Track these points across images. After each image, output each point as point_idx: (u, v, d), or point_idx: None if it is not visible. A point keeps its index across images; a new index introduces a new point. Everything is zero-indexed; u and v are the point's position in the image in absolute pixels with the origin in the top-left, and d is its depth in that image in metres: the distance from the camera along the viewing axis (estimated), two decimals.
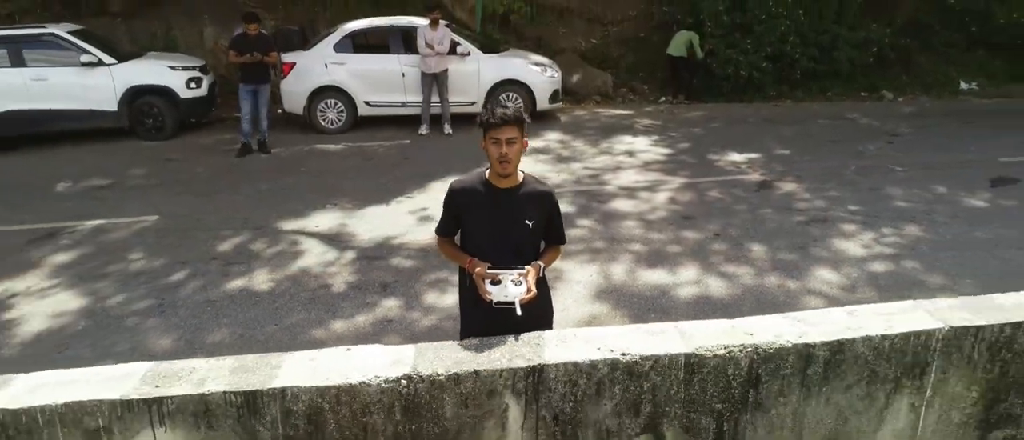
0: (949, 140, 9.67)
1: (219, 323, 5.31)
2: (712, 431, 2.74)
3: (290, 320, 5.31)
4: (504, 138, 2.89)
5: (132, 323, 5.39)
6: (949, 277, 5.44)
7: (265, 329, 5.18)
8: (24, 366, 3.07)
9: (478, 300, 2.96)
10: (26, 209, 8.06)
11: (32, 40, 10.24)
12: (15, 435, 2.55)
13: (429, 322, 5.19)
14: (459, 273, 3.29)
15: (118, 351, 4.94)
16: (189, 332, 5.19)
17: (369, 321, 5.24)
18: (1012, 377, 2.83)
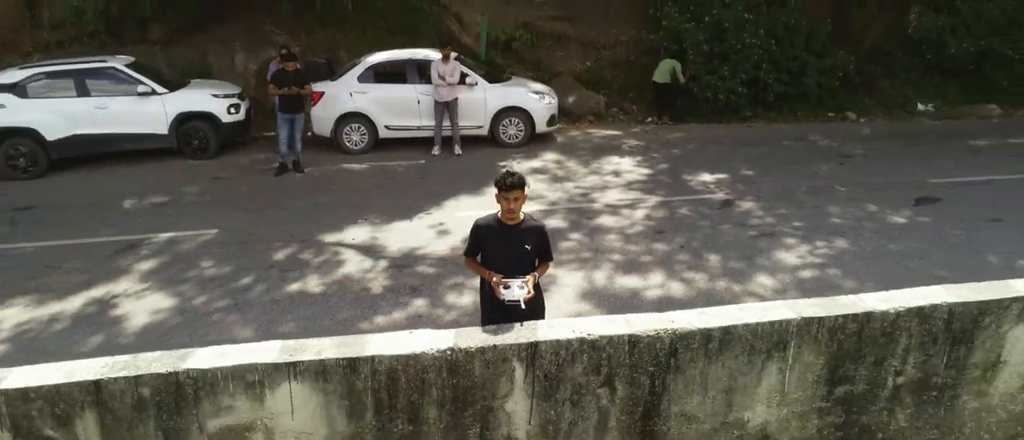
0: (892, 162, 11.12)
1: (285, 318, 6.76)
2: (647, 386, 4.20)
3: (341, 316, 6.76)
4: (512, 197, 4.34)
5: (216, 318, 6.84)
6: (859, 282, 6.88)
7: (322, 323, 6.63)
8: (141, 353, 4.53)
9: (494, 299, 4.43)
10: (104, 223, 9.51)
11: (95, 72, 11.70)
12: (202, 386, 4.00)
13: (451, 317, 6.64)
14: (480, 281, 4.76)
15: (211, 340, 6.38)
16: (263, 325, 6.64)
17: (403, 316, 6.69)
18: (846, 351, 4.28)
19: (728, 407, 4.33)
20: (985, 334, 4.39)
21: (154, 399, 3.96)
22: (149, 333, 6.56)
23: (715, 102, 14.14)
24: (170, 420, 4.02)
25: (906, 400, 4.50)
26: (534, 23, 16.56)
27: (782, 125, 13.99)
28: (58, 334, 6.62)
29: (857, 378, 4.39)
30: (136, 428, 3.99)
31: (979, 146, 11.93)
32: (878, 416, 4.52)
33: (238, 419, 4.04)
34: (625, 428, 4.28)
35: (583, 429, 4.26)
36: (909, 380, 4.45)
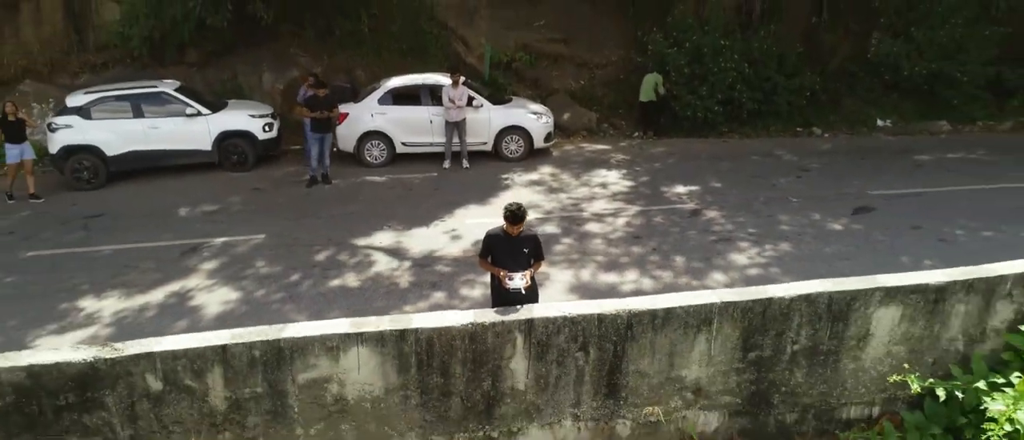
0: (842, 175, 12.76)
1: (332, 308, 8.39)
2: (611, 350, 5.85)
3: (377, 305, 8.40)
4: (515, 224, 6.01)
5: (275, 308, 8.49)
6: (794, 278, 8.51)
7: (363, 312, 8.27)
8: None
9: (501, 288, 6.10)
10: (165, 228, 11.17)
11: (148, 96, 13.36)
12: (296, 349, 5.65)
13: (465, 306, 8.28)
14: (490, 276, 6.42)
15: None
16: (314, 313, 8.28)
17: (427, 305, 8.34)
18: (755, 326, 5.94)
19: (670, 366, 6.00)
20: (857, 314, 6.05)
21: (262, 358, 5.62)
22: (223, 320, 8.20)
23: (694, 119, 15.79)
24: (272, 374, 5.68)
25: (801, 362, 6.16)
26: (533, 45, 18.19)
27: (754, 140, 15.62)
28: (150, 320, 8.26)
29: (764, 346, 6.05)
30: (249, 379, 5.66)
31: (921, 161, 13.59)
32: (781, 374, 6.18)
33: (320, 373, 5.71)
34: (596, 381, 5.95)
35: (565, 382, 5.93)
36: (803, 347, 6.11)
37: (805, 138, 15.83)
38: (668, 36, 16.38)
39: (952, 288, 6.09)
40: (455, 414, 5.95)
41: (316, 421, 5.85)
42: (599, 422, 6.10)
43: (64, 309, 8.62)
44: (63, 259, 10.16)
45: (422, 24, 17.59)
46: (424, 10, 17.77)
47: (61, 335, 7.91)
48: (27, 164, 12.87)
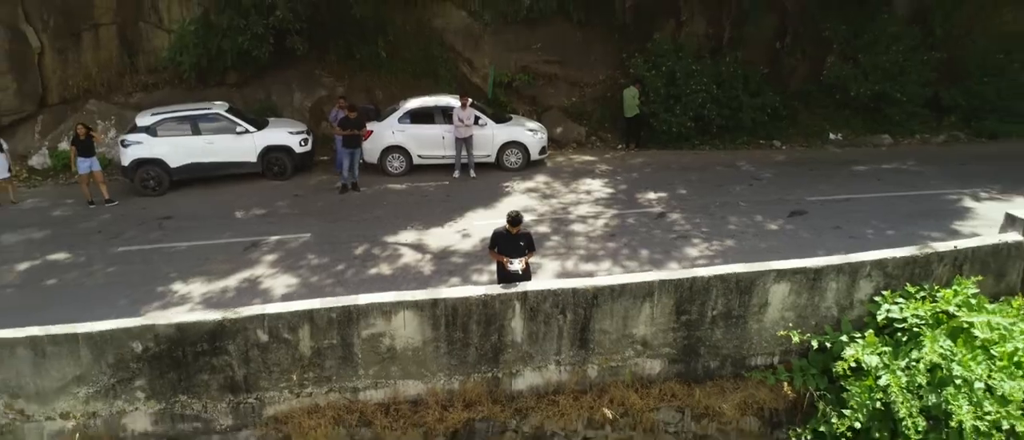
0: (788, 183, 15.11)
1: (373, 291, 10.77)
2: (582, 314, 8.27)
3: (408, 288, 10.79)
4: (514, 226, 8.46)
5: (327, 291, 10.85)
6: None
7: None
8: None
9: (504, 271, 8.55)
10: (227, 228, 13.55)
11: (204, 117, 15.75)
12: (361, 313, 8.07)
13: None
14: (497, 264, 8.87)
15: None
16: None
17: (448, 287, 10.74)
18: (684, 297, 8.35)
19: (624, 326, 8.42)
20: (758, 289, 8.47)
21: (338, 319, 8.04)
22: (288, 299, 10.60)
23: (670, 133, 18.15)
24: (344, 330, 8.11)
25: (719, 324, 8.58)
26: (531, 66, 20.54)
27: (721, 152, 18.00)
28: (231, 300, 10.64)
29: (692, 312, 8.48)
30: (327, 334, 8.09)
31: (858, 171, 15.99)
32: (705, 332, 8.60)
33: (377, 330, 8.14)
34: (572, 336, 8.37)
35: (550, 337, 8.35)
36: (719, 313, 8.53)
37: (766, 150, 18.21)
38: (648, 60, 18.76)
39: (827, 270, 8.53)
40: (471, 359, 8.39)
41: (373, 364, 8.29)
42: (574, 366, 8.54)
43: (161, 291, 11.02)
44: (149, 253, 12.57)
45: (433, 48, 19.96)
46: (434, 36, 20.14)
47: (165, 311, 10.31)
48: (97, 175, 15.28)
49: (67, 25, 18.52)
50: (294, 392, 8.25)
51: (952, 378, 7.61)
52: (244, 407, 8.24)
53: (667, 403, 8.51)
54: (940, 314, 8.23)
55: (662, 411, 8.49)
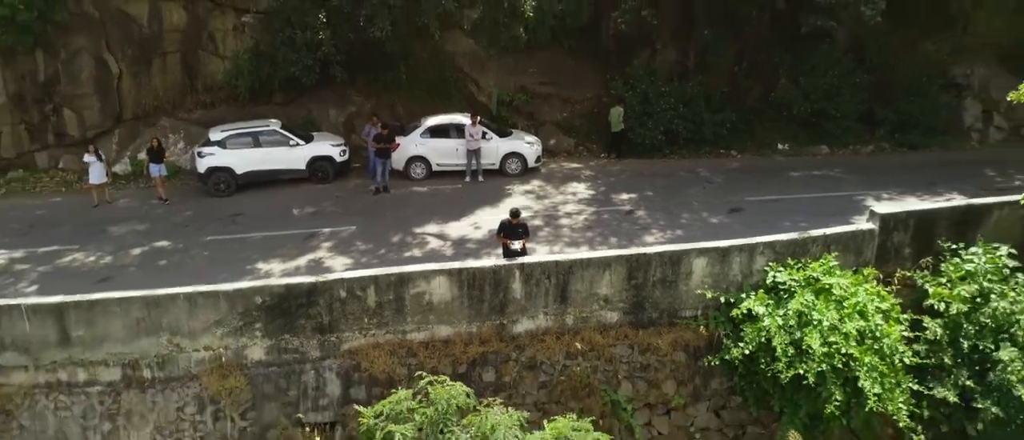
0: (735, 186, 18.69)
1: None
2: (564, 279, 11.95)
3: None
4: (515, 218, 12.20)
5: (377, 267, 14.54)
6: None
7: None
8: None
9: (507, 250, 12.28)
10: (287, 223, 17.19)
11: (263, 133, 19.40)
12: (407, 279, 11.74)
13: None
14: (503, 245, 12.60)
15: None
16: None
17: None
18: (633, 267, 12.03)
19: (591, 287, 12.12)
20: (684, 262, 12.14)
21: (394, 282, 11.76)
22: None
23: (644, 145, 21.80)
24: (398, 290, 11.81)
25: (658, 286, 12.25)
26: (528, 86, 24.18)
27: (686, 161, 21.64)
28: (304, 274, 14.29)
29: (640, 277, 12.17)
30: (387, 292, 11.80)
31: (794, 176, 19.65)
32: (648, 292, 12.28)
33: (420, 290, 11.85)
34: (555, 295, 12.05)
35: (540, 295, 12.04)
36: (658, 279, 12.22)
37: (723, 159, 21.86)
38: (627, 83, 22.42)
39: (732, 249, 12.21)
40: (485, 311, 12.06)
41: (417, 314, 11.97)
42: (556, 316, 12.22)
43: (249, 269, 14.67)
44: (230, 242, 16.23)
45: (445, 72, 23.61)
46: (447, 60, 23.80)
47: (274, 278, 13.95)
48: (161, 179, 18.99)
49: (141, 54, 22.13)
50: (362, 333, 11.92)
51: (811, 320, 11.28)
52: (328, 343, 11.92)
53: (621, 342, 12.19)
54: (809, 278, 11.91)
55: (618, 347, 12.17)
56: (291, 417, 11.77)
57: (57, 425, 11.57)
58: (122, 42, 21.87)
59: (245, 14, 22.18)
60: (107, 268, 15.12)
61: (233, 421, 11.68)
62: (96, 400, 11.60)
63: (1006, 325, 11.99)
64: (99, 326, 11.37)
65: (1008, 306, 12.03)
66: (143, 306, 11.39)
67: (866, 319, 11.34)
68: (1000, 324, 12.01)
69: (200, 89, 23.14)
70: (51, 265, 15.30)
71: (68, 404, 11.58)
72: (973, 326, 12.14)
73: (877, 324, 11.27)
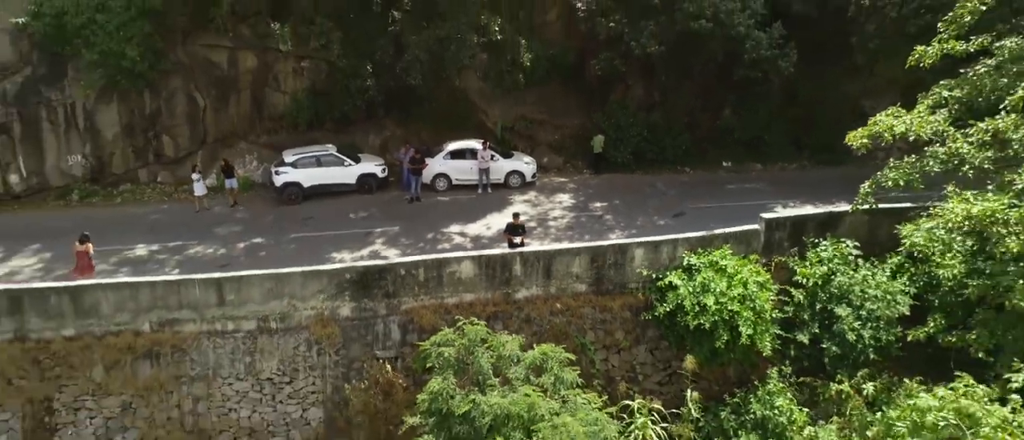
0: (683, 195, 24.74)
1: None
2: (548, 263, 18.03)
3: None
4: (517, 220, 18.39)
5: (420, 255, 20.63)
6: None
7: None
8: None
9: (511, 243, 18.45)
10: (347, 224, 23.24)
11: (324, 155, 25.46)
12: (444, 263, 17.82)
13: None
14: (507, 240, 18.74)
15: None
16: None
17: None
18: (595, 255, 18.12)
19: (568, 268, 18.22)
20: (629, 251, 18.24)
21: (435, 264, 17.93)
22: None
23: (617, 163, 27.84)
24: (438, 270, 17.97)
25: (613, 268, 18.34)
26: (527, 114, 30.19)
27: (649, 176, 27.54)
28: (368, 260, 20.38)
29: (599, 261, 18.28)
30: (432, 271, 17.95)
31: (729, 189, 25.69)
32: (605, 271, 18.38)
33: (453, 270, 18.00)
34: (543, 273, 18.16)
35: (533, 273, 18.15)
36: (612, 262, 18.32)
37: (679, 175, 27.87)
38: (605, 115, 28.48)
39: (662, 242, 18.32)
40: (496, 284, 18.14)
41: (450, 286, 18.08)
42: (544, 287, 18.29)
43: (328, 257, 20.71)
44: (309, 238, 22.30)
45: (460, 105, 29.68)
46: (462, 96, 29.79)
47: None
48: (233, 190, 25.10)
49: (220, 91, 28.18)
50: (414, 298, 17.97)
51: (709, 289, 17.34)
52: (392, 305, 17.98)
53: (587, 304, 18.23)
54: (711, 261, 17.98)
55: (585, 308, 18.23)
56: (368, 353, 17.84)
57: (215, 359, 17.63)
58: (207, 82, 27.92)
59: (304, 59, 28.26)
60: (223, 257, 21.21)
61: (330, 355, 17.75)
62: (240, 342, 17.65)
63: (845, 293, 18.04)
64: (243, 293, 17.44)
65: (847, 281, 18.10)
66: (272, 280, 17.46)
67: (746, 288, 17.38)
68: (841, 292, 18.07)
69: (266, 119, 29.21)
70: (182, 255, 21.38)
71: (222, 344, 17.64)
72: (824, 294, 18.21)
73: (753, 291, 17.30)
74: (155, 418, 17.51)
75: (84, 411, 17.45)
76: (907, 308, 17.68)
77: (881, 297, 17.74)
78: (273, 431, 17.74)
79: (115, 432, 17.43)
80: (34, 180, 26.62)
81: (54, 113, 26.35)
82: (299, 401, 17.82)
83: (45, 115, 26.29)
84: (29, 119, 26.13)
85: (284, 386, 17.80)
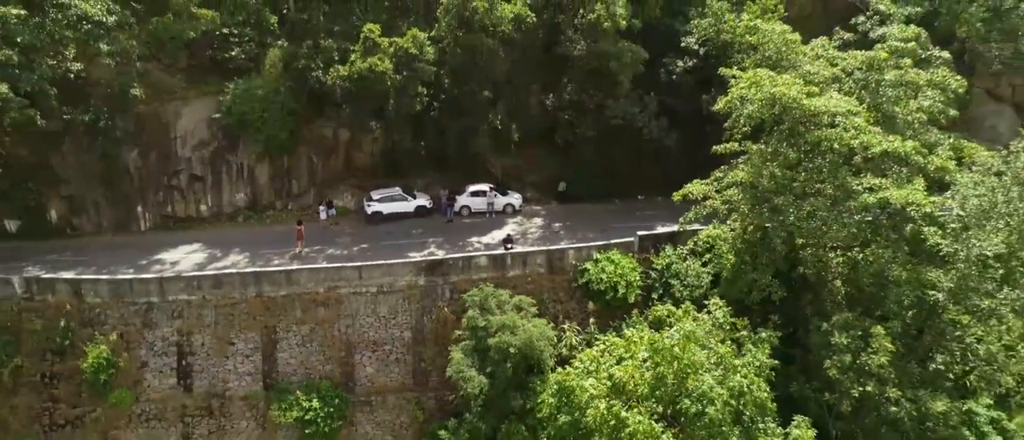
0: (616, 217, 42.33)
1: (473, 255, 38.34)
2: (522, 258, 35.90)
3: (481, 254, 38.36)
4: (509, 236, 36.36)
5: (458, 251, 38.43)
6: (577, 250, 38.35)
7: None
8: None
9: (506, 248, 36.47)
10: (412, 236, 41.09)
11: (394, 194, 43.34)
12: (477, 256, 35.59)
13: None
14: (504, 245, 36.74)
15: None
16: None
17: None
18: (551, 254, 35.96)
19: (535, 260, 36.13)
20: (567, 252, 36.15)
21: (467, 258, 36.02)
22: (448, 259, 38.25)
23: (574, 198, 45.49)
24: (469, 261, 36.04)
25: (555, 259, 36.19)
26: (518, 165, 47.90)
27: (593, 206, 45.22)
28: (429, 256, 38.21)
29: (552, 257, 36.18)
30: (466, 262, 35.97)
31: (640, 214, 43.38)
32: (554, 262, 36.26)
33: (476, 260, 36.04)
34: (522, 263, 36.06)
35: (516, 263, 36.11)
36: (557, 258, 36.19)
37: (610, 205, 45.51)
38: (566, 166, 46.16)
39: (583, 247, 36.26)
40: (497, 268, 36.18)
41: (475, 270, 36.08)
42: (522, 270, 36.28)
43: (407, 254, 38.56)
44: (392, 244, 40.19)
45: (475, 160, 47.32)
46: (476, 155, 47.46)
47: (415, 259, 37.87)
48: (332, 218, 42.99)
49: (325, 152, 45.99)
50: (457, 275, 35.84)
51: (603, 271, 35.18)
52: (445, 278, 35.84)
53: (545, 279, 36.06)
54: (607, 257, 35.81)
55: (543, 281, 36.07)
56: (433, 303, 35.66)
57: (356, 306, 35.50)
58: (318, 148, 45.77)
59: (378, 134, 45.97)
60: (347, 256, 39.03)
61: (414, 304, 35.60)
62: (369, 297, 35.53)
63: (676, 274, 35.83)
64: (369, 272, 35.35)
65: (678, 267, 35.90)
66: (385, 266, 35.39)
67: (622, 269, 35.15)
68: (674, 273, 35.84)
69: (354, 170, 47.10)
70: (325, 253, 39.21)
71: (359, 298, 35.51)
72: (667, 274, 36.01)
73: (625, 271, 35.06)
74: (326, 336, 35.39)
75: (291, 332, 35.34)
76: (708, 279, 35.32)
77: (695, 275, 35.42)
78: (386, 342, 35.60)
79: (308, 342, 35.32)
80: (215, 208, 44.53)
81: (230, 169, 44.27)
82: (399, 327, 35.72)
83: (225, 170, 44.21)
84: (215, 172, 44.04)
85: (391, 320, 35.69)
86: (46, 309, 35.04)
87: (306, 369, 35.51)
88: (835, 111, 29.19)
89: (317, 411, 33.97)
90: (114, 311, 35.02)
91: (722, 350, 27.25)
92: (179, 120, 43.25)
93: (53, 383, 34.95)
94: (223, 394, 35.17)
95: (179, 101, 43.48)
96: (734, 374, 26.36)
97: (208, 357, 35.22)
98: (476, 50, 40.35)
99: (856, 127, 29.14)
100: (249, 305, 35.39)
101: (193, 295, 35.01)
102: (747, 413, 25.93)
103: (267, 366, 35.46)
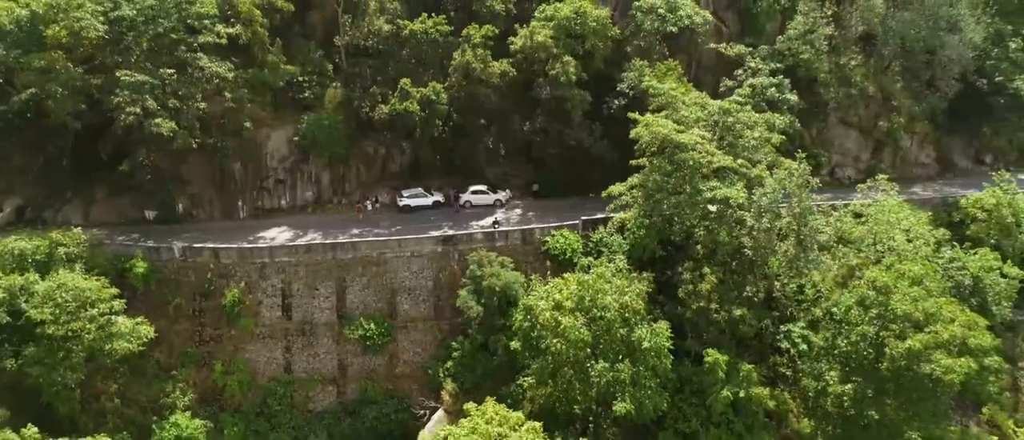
0: (580, 210, 62.13)
1: (474, 232, 58.21)
2: (506, 235, 55.84)
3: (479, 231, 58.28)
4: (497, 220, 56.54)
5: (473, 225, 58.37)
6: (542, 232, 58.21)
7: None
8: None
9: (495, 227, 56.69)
10: (431, 222, 61.11)
11: (419, 191, 63.38)
12: (471, 235, 55.48)
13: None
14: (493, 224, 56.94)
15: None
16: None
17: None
18: (525, 232, 55.92)
19: (513, 236, 56.11)
20: (536, 231, 56.11)
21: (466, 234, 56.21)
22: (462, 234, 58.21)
23: (545, 196, 65.23)
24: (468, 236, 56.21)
25: (528, 236, 56.14)
26: (506, 171, 67.77)
27: (560, 201, 64.85)
28: (445, 232, 58.18)
29: (525, 234, 56.21)
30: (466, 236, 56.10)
31: (591, 206, 63.10)
32: (529, 238, 56.22)
33: (474, 235, 56.29)
34: (505, 237, 56.07)
35: (501, 237, 56.19)
36: (531, 234, 56.15)
37: (570, 199, 65.30)
38: (538, 171, 66.01)
39: (550, 227, 56.30)
40: (489, 240, 56.35)
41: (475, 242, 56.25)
42: (505, 242, 56.31)
43: (431, 233, 58.52)
44: (418, 227, 60.16)
45: (475, 167, 67.16)
46: (476, 164, 67.27)
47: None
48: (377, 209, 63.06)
49: (366, 160, 65.93)
50: (465, 245, 55.83)
51: (558, 241, 55.13)
52: (455, 247, 55.89)
53: (520, 249, 56.02)
54: (560, 236, 55.73)
55: (519, 250, 56.01)
56: (447, 263, 55.65)
57: (397, 265, 55.62)
58: (363, 160, 65.78)
59: (406, 149, 65.86)
60: (388, 233, 59.00)
61: (435, 263, 55.61)
62: (405, 260, 55.68)
63: (607, 243, 55.70)
64: (406, 244, 55.44)
65: (609, 238, 55.71)
66: (415, 239, 55.49)
67: (570, 241, 55.08)
68: (604, 243, 55.72)
69: (387, 175, 67.10)
70: (373, 232, 59.16)
71: (398, 260, 55.62)
72: (601, 243, 55.89)
73: (572, 242, 55.00)
74: (378, 283, 55.54)
75: (355, 282, 55.49)
76: (624, 246, 55.04)
77: (617, 244, 55.22)
78: (416, 288, 55.64)
79: (366, 288, 55.36)
80: (292, 203, 64.56)
81: (303, 175, 64.37)
82: (425, 278, 55.87)
83: (299, 176, 64.29)
84: (292, 177, 64.15)
85: (420, 274, 55.88)
86: (196, 266, 55.15)
87: (365, 305, 55.53)
88: (693, 142, 48.95)
89: (373, 331, 54.04)
90: (240, 268, 55.10)
91: (618, 282, 47.06)
92: (268, 141, 63.27)
93: (201, 315, 55.04)
94: (312, 321, 55.23)
95: (268, 127, 63.49)
96: (623, 296, 46.15)
97: (302, 298, 55.24)
98: (475, 94, 60.21)
99: (707, 151, 48.89)
100: (328, 264, 55.43)
101: (292, 257, 55.15)
102: (630, 317, 45.65)
103: (340, 303, 55.51)
